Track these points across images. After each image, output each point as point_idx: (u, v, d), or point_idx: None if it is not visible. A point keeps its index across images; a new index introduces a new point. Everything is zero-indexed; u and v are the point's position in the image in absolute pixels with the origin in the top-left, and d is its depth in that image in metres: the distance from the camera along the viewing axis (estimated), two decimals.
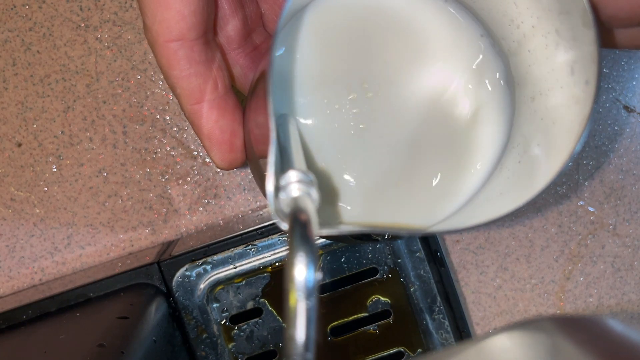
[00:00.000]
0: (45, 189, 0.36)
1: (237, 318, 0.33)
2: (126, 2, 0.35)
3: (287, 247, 0.32)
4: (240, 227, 0.33)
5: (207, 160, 0.36)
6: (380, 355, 0.34)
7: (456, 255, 0.37)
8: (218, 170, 0.36)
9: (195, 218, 0.36)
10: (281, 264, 0.33)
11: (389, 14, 0.24)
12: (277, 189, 0.18)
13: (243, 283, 0.33)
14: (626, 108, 0.37)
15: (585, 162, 0.38)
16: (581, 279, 0.38)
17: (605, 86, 0.37)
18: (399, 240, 0.33)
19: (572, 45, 0.20)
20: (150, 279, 0.32)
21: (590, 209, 0.38)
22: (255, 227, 0.32)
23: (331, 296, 0.33)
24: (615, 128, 0.37)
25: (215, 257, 0.32)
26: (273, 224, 0.32)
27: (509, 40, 0.23)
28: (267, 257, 0.33)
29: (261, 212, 0.36)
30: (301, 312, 0.14)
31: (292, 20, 0.24)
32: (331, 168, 0.25)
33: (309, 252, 0.15)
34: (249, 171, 0.37)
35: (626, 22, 0.20)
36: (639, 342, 0.14)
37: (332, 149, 0.25)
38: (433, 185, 0.25)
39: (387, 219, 0.24)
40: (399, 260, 0.33)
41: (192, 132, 0.36)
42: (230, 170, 0.36)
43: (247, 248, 0.32)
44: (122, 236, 0.36)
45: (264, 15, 0.26)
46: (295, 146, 0.20)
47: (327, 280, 0.33)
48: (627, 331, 0.15)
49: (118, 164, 0.36)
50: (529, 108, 0.23)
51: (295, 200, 0.17)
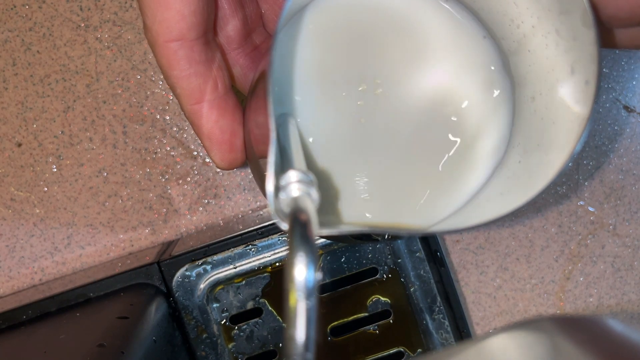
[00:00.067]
0: (45, 189, 0.36)
1: (237, 318, 0.33)
2: (126, 2, 0.35)
3: (287, 247, 0.32)
4: (240, 227, 0.33)
5: (207, 160, 0.36)
6: (380, 355, 0.34)
7: (456, 255, 0.37)
8: (218, 170, 0.36)
9: (195, 218, 0.36)
10: (281, 264, 0.33)
11: (389, 14, 0.24)
12: (277, 189, 0.18)
13: (243, 283, 0.33)
14: (626, 108, 0.37)
15: (585, 162, 0.38)
16: (581, 279, 0.38)
17: (605, 86, 0.37)
18: (399, 240, 0.33)
19: (572, 45, 0.20)
20: (150, 279, 0.32)
21: (590, 209, 0.38)
22: (255, 227, 0.32)
23: (331, 296, 0.33)
24: (615, 128, 0.37)
25: (215, 257, 0.32)
26: (273, 224, 0.32)
27: (509, 40, 0.23)
28: (267, 257, 0.33)
29: (261, 212, 0.36)
30: (301, 312, 0.14)
31: (292, 20, 0.24)
32: (331, 168, 0.25)
33: (309, 252, 0.15)
34: (249, 171, 0.37)
35: (626, 22, 0.20)
36: (639, 342, 0.14)
37: (333, 149, 0.25)
38: (433, 185, 0.25)
39: (387, 219, 0.24)
40: (399, 260, 0.33)
41: (192, 132, 0.36)
42: (230, 170, 0.36)
43: (247, 248, 0.32)
44: (122, 236, 0.36)
45: (264, 15, 0.26)
46: (295, 146, 0.20)
47: (327, 280, 0.33)
48: (627, 331, 0.15)
49: (118, 164, 0.36)
50: (529, 108, 0.23)
51: (295, 200, 0.17)
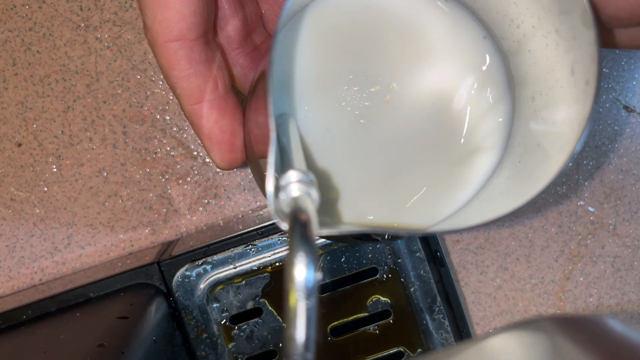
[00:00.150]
0: (45, 189, 0.36)
1: (237, 318, 0.33)
2: (126, 2, 0.35)
3: (287, 247, 0.32)
4: (240, 227, 0.33)
5: (207, 160, 0.36)
6: (380, 355, 0.34)
7: (456, 255, 0.37)
8: (218, 170, 0.36)
9: (195, 218, 0.36)
10: (281, 264, 0.33)
11: (388, 14, 0.24)
12: (277, 189, 0.18)
13: (243, 283, 0.33)
14: (626, 108, 0.37)
15: (585, 162, 0.38)
16: (581, 279, 0.38)
17: (605, 86, 0.37)
18: (399, 240, 0.33)
19: (572, 45, 0.20)
20: (150, 279, 0.32)
21: (590, 209, 0.38)
22: (255, 227, 0.32)
23: (331, 296, 0.33)
24: (615, 128, 0.37)
25: (215, 257, 0.32)
26: (273, 224, 0.32)
27: (509, 40, 0.23)
28: (267, 257, 0.33)
29: (261, 212, 0.36)
30: (301, 312, 0.14)
31: (292, 20, 0.24)
32: (331, 168, 0.25)
33: (309, 252, 0.15)
34: (249, 171, 0.37)
35: (626, 22, 0.20)
36: (639, 342, 0.14)
37: (332, 149, 0.25)
38: (433, 185, 0.25)
39: (387, 219, 0.24)
40: (399, 260, 0.33)
41: (192, 132, 0.36)
42: (230, 170, 0.36)
43: (247, 248, 0.32)
44: (122, 236, 0.36)
45: (264, 15, 0.26)
46: (295, 146, 0.20)
47: (327, 280, 0.33)
48: (627, 331, 0.15)
49: (118, 164, 0.36)
50: (529, 108, 0.23)
51: (295, 200, 0.17)
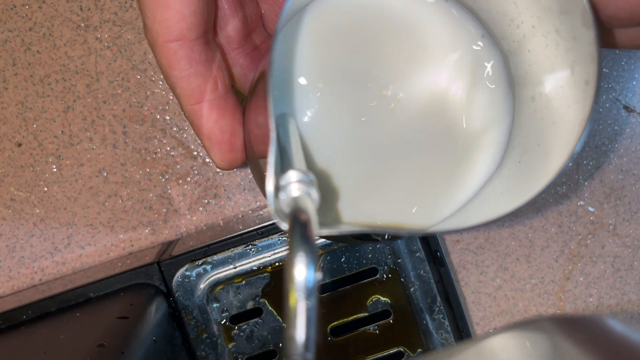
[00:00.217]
0: (45, 189, 0.36)
1: (237, 318, 0.33)
2: (126, 2, 0.35)
3: (287, 247, 0.32)
4: (240, 227, 0.33)
5: (207, 160, 0.36)
6: (380, 355, 0.34)
7: (456, 255, 0.37)
8: (218, 170, 0.36)
9: (195, 218, 0.36)
10: (281, 264, 0.33)
11: (388, 14, 0.24)
12: (277, 189, 0.18)
13: (243, 283, 0.33)
14: (626, 108, 0.37)
15: (585, 162, 0.38)
16: (581, 279, 0.38)
17: (605, 86, 0.37)
18: (399, 240, 0.33)
19: (572, 45, 0.20)
20: (150, 279, 0.32)
21: (590, 209, 0.38)
22: (255, 227, 0.32)
23: (331, 296, 0.33)
24: (615, 128, 0.37)
25: (215, 257, 0.32)
26: (273, 224, 0.32)
27: (509, 40, 0.23)
28: (267, 257, 0.33)
29: (261, 212, 0.36)
30: (301, 312, 0.14)
31: (292, 20, 0.24)
32: (331, 168, 0.25)
33: (309, 252, 0.15)
34: (249, 171, 0.37)
35: (626, 22, 0.20)
36: (639, 342, 0.14)
37: (333, 149, 0.25)
38: (433, 185, 0.25)
39: (387, 219, 0.24)
40: (399, 260, 0.33)
41: (192, 132, 0.36)
42: (230, 170, 0.36)
43: (247, 248, 0.32)
44: (122, 236, 0.36)
45: (264, 15, 0.26)
46: (295, 146, 0.20)
47: (327, 280, 0.33)
48: (627, 331, 0.15)
49: (118, 164, 0.36)
50: (529, 108, 0.23)
51: (295, 200, 0.17)
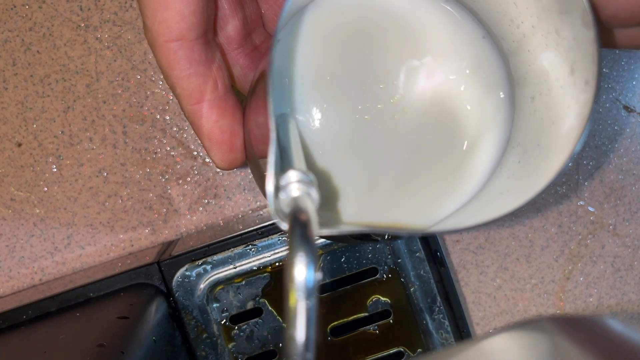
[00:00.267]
0: (45, 189, 0.36)
1: (237, 318, 0.33)
2: (126, 2, 0.35)
3: (287, 247, 0.32)
4: (240, 227, 0.33)
5: (207, 160, 0.36)
6: (380, 355, 0.34)
7: (456, 255, 0.37)
8: (218, 170, 0.36)
9: (195, 218, 0.36)
10: (281, 264, 0.33)
11: (389, 14, 0.24)
12: (277, 189, 0.18)
13: (243, 283, 0.33)
14: (626, 108, 0.37)
15: (585, 162, 0.38)
16: (581, 279, 0.38)
17: (605, 86, 0.37)
18: (399, 240, 0.33)
19: (572, 45, 0.20)
20: (150, 279, 0.32)
21: (590, 209, 0.38)
22: (255, 227, 0.32)
23: (331, 296, 0.33)
24: (615, 128, 0.37)
25: (215, 257, 0.32)
26: (273, 224, 0.32)
27: (508, 40, 0.23)
28: (267, 257, 0.33)
29: (261, 212, 0.36)
30: (301, 312, 0.14)
31: (292, 20, 0.24)
32: (331, 168, 0.25)
33: (309, 252, 0.15)
34: (249, 171, 0.37)
35: (626, 22, 0.20)
36: (639, 342, 0.14)
37: (333, 149, 0.25)
38: (433, 185, 0.25)
39: (387, 219, 0.24)
40: (399, 260, 0.33)
41: (192, 132, 0.36)
42: (230, 170, 0.36)
43: (247, 248, 0.32)
44: (122, 236, 0.36)
45: (264, 15, 0.26)
46: (295, 146, 0.20)
47: (327, 280, 0.33)
48: (627, 331, 0.15)
49: (118, 164, 0.36)
50: (529, 108, 0.23)
51: (295, 200, 0.17)
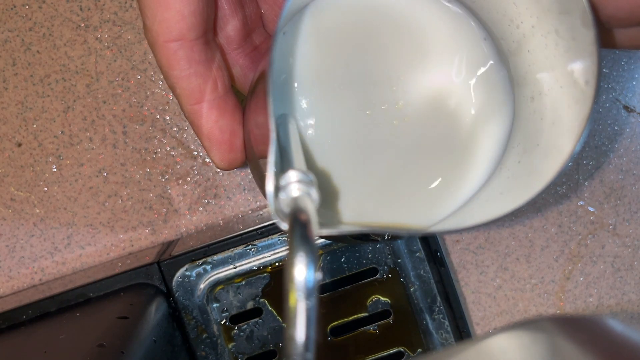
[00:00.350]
0: (45, 189, 0.36)
1: (237, 318, 0.33)
2: (126, 2, 0.35)
3: (287, 247, 0.32)
4: (240, 227, 0.33)
5: (207, 160, 0.36)
6: (380, 355, 0.34)
7: (456, 255, 0.37)
8: (218, 170, 0.36)
9: (195, 218, 0.36)
10: (281, 264, 0.33)
11: (389, 14, 0.24)
12: (277, 189, 0.18)
13: (243, 283, 0.33)
14: (626, 108, 0.37)
15: (585, 162, 0.38)
16: (581, 279, 0.38)
17: (605, 86, 0.37)
18: (399, 240, 0.33)
19: (572, 45, 0.20)
20: (150, 279, 0.32)
21: (590, 209, 0.38)
22: (255, 227, 0.32)
23: (331, 296, 0.33)
24: (615, 128, 0.37)
25: (215, 257, 0.32)
26: (273, 224, 0.32)
27: (508, 40, 0.23)
28: (267, 257, 0.33)
29: (261, 212, 0.36)
30: (301, 312, 0.14)
31: (292, 21, 0.24)
32: (331, 168, 0.25)
33: (309, 252, 0.15)
34: (249, 171, 0.37)
35: (626, 22, 0.20)
36: (639, 342, 0.14)
37: (333, 149, 0.25)
38: (433, 185, 0.25)
39: (387, 219, 0.24)
40: (399, 260, 0.33)
41: (192, 132, 0.36)
42: (230, 170, 0.36)
43: (247, 248, 0.32)
44: (122, 236, 0.36)
45: (264, 16, 0.26)
46: (295, 146, 0.20)
47: (327, 280, 0.33)
48: (627, 331, 0.15)
49: (118, 164, 0.36)
50: (528, 108, 0.23)
51: (295, 200, 0.17)
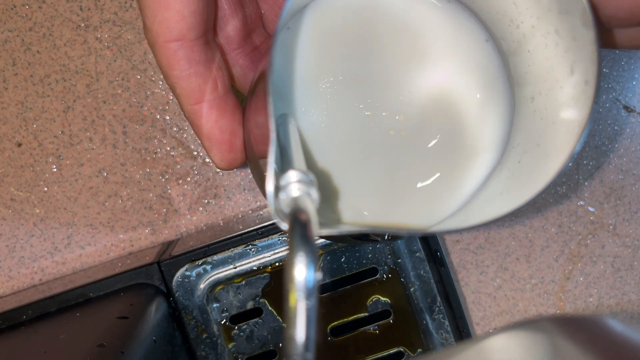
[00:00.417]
0: (45, 189, 0.36)
1: (237, 318, 0.33)
2: (126, 2, 0.35)
3: (287, 247, 0.32)
4: (240, 227, 0.33)
5: (207, 160, 0.36)
6: (380, 355, 0.34)
7: (456, 255, 0.37)
8: (218, 170, 0.36)
9: (195, 218, 0.36)
10: (281, 264, 0.33)
11: (389, 14, 0.24)
12: (277, 189, 0.18)
13: (243, 283, 0.33)
14: (626, 108, 0.37)
15: (585, 162, 0.38)
16: (581, 279, 0.38)
17: (605, 86, 0.37)
18: (399, 240, 0.33)
19: (572, 45, 0.20)
20: (150, 279, 0.32)
21: (590, 209, 0.38)
22: (255, 227, 0.32)
23: (331, 296, 0.33)
24: (615, 128, 0.37)
25: (215, 257, 0.32)
26: (273, 224, 0.32)
27: (508, 40, 0.23)
28: (267, 257, 0.33)
29: (261, 212, 0.36)
30: (301, 312, 0.14)
31: (292, 20, 0.24)
32: (331, 168, 0.25)
33: (309, 252, 0.15)
34: (249, 171, 0.37)
35: (625, 22, 0.20)
36: (639, 342, 0.14)
37: (333, 149, 0.25)
38: (433, 185, 0.25)
39: (387, 219, 0.24)
40: (399, 260, 0.33)
41: (192, 132, 0.36)
42: (230, 170, 0.36)
43: (247, 248, 0.32)
44: (122, 236, 0.36)
45: (264, 16, 0.26)
46: (295, 146, 0.20)
47: (327, 280, 0.33)
48: (627, 331, 0.15)
49: (118, 164, 0.36)
50: (528, 108, 0.23)
51: (295, 200, 0.17)
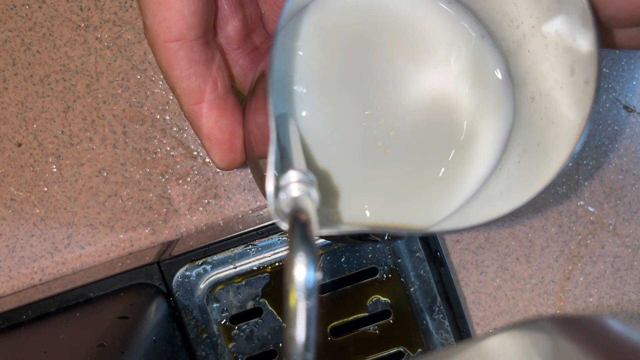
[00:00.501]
0: (45, 189, 0.36)
1: (237, 318, 0.33)
2: (126, 2, 0.35)
3: (287, 247, 0.32)
4: (240, 227, 0.33)
5: (207, 160, 0.36)
6: (380, 355, 0.34)
7: (456, 255, 0.37)
8: (218, 170, 0.36)
9: (195, 218, 0.36)
10: (281, 264, 0.33)
11: (389, 14, 0.24)
12: (277, 189, 0.18)
13: (243, 283, 0.33)
14: (626, 108, 0.37)
15: (585, 162, 0.38)
16: (581, 279, 0.38)
17: (605, 86, 0.37)
18: (399, 240, 0.33)
19: (572, 45, 0.20)
20: (150, 279, 0.32)
21: (590, 209, 0.38)
22: (255, 227, 0.32)
23: (331, 296, 0.33)
24: (615, 128, 0.37)
25: (215, 257, 0.32)
26: (273, 224, 0.32)
27: (508, 40, 0.23)
28: (267, 257, 0.33)
29: (261, 212, 0.36)
30: (301, 312, 0.14)
31: (292, 20, 0.24)
32: (331, 168, 0.25)
33: (309, 252, 0.15)
34: (249, 171, 0.37)
35: (625, 22, 0.20)
36: (639, 342, 0.14)
37: (333, 149, 0.25)
38: (433, 185, 0.25)
39: (387, 219, 0.24)
40: (399, 260, 0.33)
41: (192, 132, 0.36)
42: (230, 170, 0.36)
43: (247, 248, 0.32)
44: (122, 236, 0.36)
45: (264, 16, 0.26)
46: (295, 146, 0.20)
47: (327, 280, 0.33)
48: (627, 331, 0.15)
49: (118, 164, 0.36)
50: (528, 108, 0.23)
51: (295, 200, 0.17)
